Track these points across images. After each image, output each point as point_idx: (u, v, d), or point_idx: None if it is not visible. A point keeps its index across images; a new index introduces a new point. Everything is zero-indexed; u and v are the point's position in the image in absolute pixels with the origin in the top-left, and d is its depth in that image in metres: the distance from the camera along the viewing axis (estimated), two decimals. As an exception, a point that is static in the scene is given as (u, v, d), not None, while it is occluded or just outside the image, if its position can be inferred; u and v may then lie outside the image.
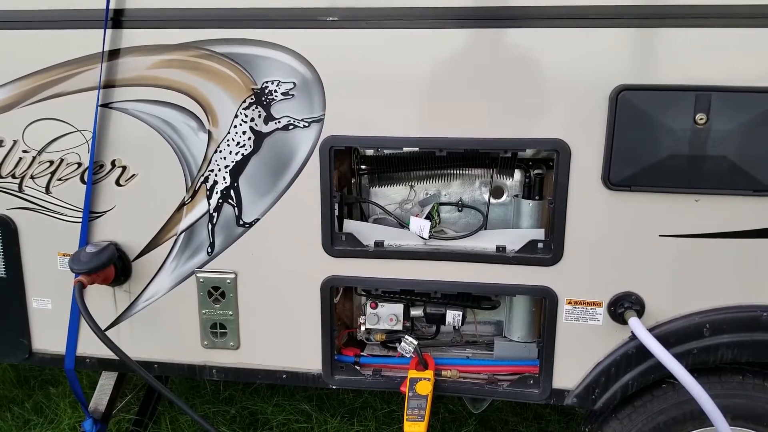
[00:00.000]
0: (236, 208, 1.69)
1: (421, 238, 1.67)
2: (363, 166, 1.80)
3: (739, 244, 1.51)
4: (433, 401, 1.68)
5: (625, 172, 1.50)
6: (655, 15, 1.42)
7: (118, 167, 1.71)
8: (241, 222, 1.69)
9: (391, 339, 1.83)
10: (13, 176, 1.77)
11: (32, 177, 1.76)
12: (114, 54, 1.62)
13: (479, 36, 1.49)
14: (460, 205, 1.76)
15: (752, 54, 1.41)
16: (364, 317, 1.80)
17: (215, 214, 1.70)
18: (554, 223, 1.57)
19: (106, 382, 2.08)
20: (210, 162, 1.66)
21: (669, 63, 1.44)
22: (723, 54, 1.42)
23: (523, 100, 1.51)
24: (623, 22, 1.43)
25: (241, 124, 1.62)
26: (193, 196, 1.70)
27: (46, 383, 2.80)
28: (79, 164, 1.73)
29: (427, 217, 1.69)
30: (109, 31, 1.60)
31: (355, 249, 1.68)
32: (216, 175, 1.67)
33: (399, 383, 1.74)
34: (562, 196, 1.55)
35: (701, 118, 1.43)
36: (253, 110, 1.60)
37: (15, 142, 1.74)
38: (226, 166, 1.66)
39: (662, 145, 1.46)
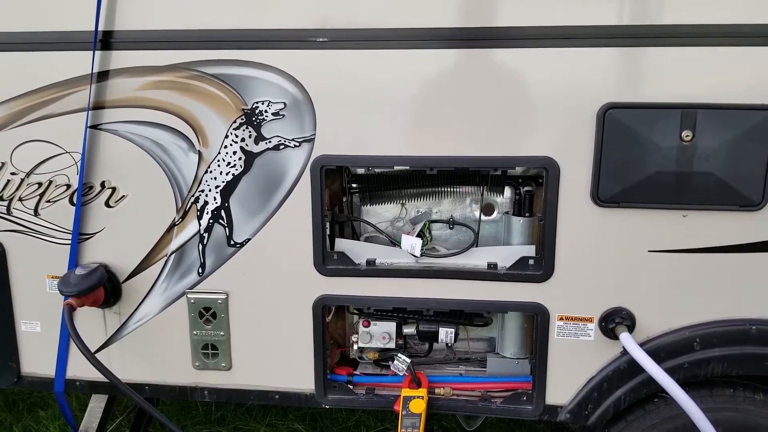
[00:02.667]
0: (227, 228, 1.68)
1: (413, 255, 1.67)
2: (354, 185, 1.80)
3: (726, 258, 1.53)
4: (427, 419, 1.67)
5: (613, 189, 1.51)
6: (641, 34, 1.44)
7: (108, 188, 1.70)
8: (232, 242, 1.69)
9: (384, 357, 1.82)
10: (1, 198, 1.76)
11: (20, 199, 1.75)
12: (103, 75, 1.62)
13: (468, 56, 1.51)
14: (451, 223, 1.77)
15: (736, 72, 1.44)
16: (356, 336, 1.80)
17: (206, 235, 1.69)
18: (544, 239, 1.58)
19: (96, 404, 2.06)
20: (200, 182, 1.66)
21: (655, 81, 1.46)
22: (708, 72, 1.45)
23: (512, 118, 1.52)
24: (610, 41, 1.46)
25: (231, 144, 1.62)
26: (183, 217, 1.69)
27: (35, 406, 2.76)
28: (68, 186, 1.72)
29: (418, 235, 1.70)
30: (98, 53, 1.60)
31: (346, 267, 1.68)
32: (206, 195, 1.66)
33: (392, 402, 1.73)
34: (552, 213, 1.56)
35: (687, 135, 1.45)
36: (244, 130, 1.60)
37: (3, 164, 1.73)
38: (217, 186, 1.65)
39: (649, 162, 1.48)
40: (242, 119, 1.60)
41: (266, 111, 1.58)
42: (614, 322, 1.59)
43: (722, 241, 1.53)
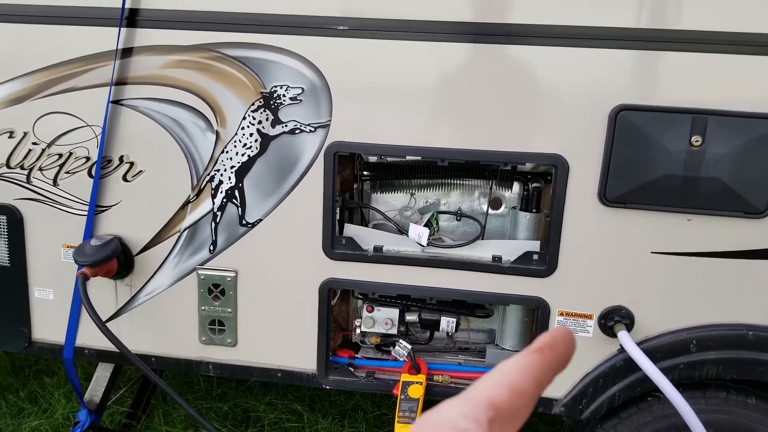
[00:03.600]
0: (240, 208, 1.72)
1: (420, 245, 1.70)
2: (365, 172, 1.84)
3: (728, 264, 1.56)
4: (424, 405, 1.71)
5: (620, 190, 1.54)
6: (657, 38, 1.46)
7: (126, 163, 1.74)
8: (244, 222, 1.73)
9: (386, 342, 1.86)
10: (22, 167, 1.80)
11: (40, 169, 1.79)
12: (127, 52, 1.66)
13: (485, 51, 1.54)
14: (458, 215, 1.80)
15: (748, 80, 1.46)
16: (359, 320, 1.83)
17: (219, 213, 1.73)
18: (550, 235, 1.61)
19: (102, 373, 2.11)
20: (216, 162, 1.70)
21: (668, 85, 1.49)
22: (720, 79, 1.47)
23: (525, 115, 1.55)
24: (625, 43, 1.48)
25: (248, 126, 1.65)
26: (198, 195, 1.73)
27: (41, 373, 2.82)
28: (88, 158, 1.76)
29: (426, 225, 1.73)
30: (123, 30, 1.64)
31: (354, 253, 1.71)
32: (221, 174, 1.70)
33: (391, 386, 1.77)
34: (559, 210, 1.59)
35: (697, 141, 1.47)
36: (261, 113, 1.64)
37: (25, 134, 1.77)
38: (232, 167, 1.69)
39: (658, 164, 1.50)
40: (260, 102, 1.63)
41: (284, 95, 1.61)
42: (613, 320, 1.63)
43: (725, 246, 1.55)
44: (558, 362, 0.39)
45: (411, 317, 1.83)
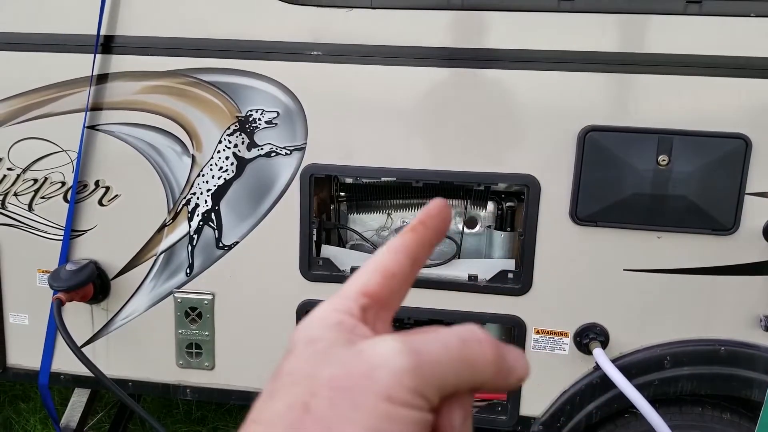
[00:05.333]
0: (216, 231, 1.72)
1: (396, 265, 1.71)
2: (342, 194, 1.85)
3: (699, 280, 1.58)
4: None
5: (591, 208, 1.57)
6: (624, 62, 1.50)
7: (102, 187, 1.75)
8: (221, 244, 1.73)
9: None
10: (-3, 193, 1.80)
11: (16, 194, 1.79)
12: (102, 78, 1.67)
13: (456, 75, 1.57)
14: (435, 234, 1.81)
15: (712, 101, 1.50)
16: (338, 341, 1.83)
17: (195, 236, 1.74)
18: (524, 254, 1.63)
19: (78, 399, 2.08)
20: (192, 185, 1.70)
21: (635, 106, 1.52)
22: (685, 100, 1.51)
23: (497, 136, 1.58)
24: (593, 66, 1.52)
25: (224, 150, 1.67)
26: (174, 218, 1.73)
27: (17, 398, 2.78)
28: (63, 183, 1.76)
29: (402, 245, 1.74)
30: (98, 56, 1.65)
31: (331, 274, 1.72)
32: (198, 198, 1.71)
33: (370, 407, 1.77)
34: (532, 229, 1.61)
35: (663, 160, 1.51)
36: (237, 137, 1.65)
37: (0, 159, 1.77)
38: (208, 190, 1.70)
39: (627, 183, 1.53)
40: (236, 126, 1.65)
41: (260, 119, 1.63)
42: (588, 337, 1.64)
43: (695, 263, 1.58)
44: (432, 236, 0.38)
45: (389, 337, 1.83)
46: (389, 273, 0.36)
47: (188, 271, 1.76)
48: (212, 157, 1.67)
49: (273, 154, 1.65)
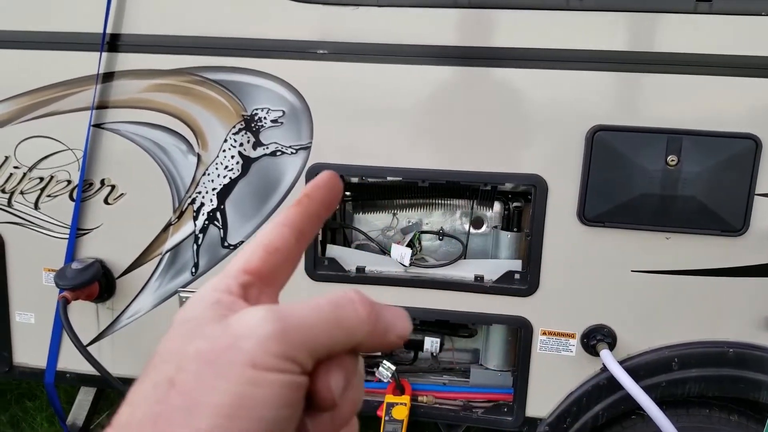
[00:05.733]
0: (222, 230, 1.72)
1: (402, 265, 1.71)
2: (347, 193, 1.84)
3: (707, 281, 1.57)
4: (409, 426, 1.70)
5: (599, 209, 1.55)
6: (632, 60, 1.49)
7: (107, 186, 1.74)
8: (226, 244, 1.73)
9: (370, 364, 1.85)
10: (3, 191, 1.80)
11: (22, 193, 1.79)
12: (108, 76, 1.67)
13: (464, 74, 1.56)
14: (441, 235, 1.80)
15: (722, 100, 1.48)
16: (343, 341, 1.82)
17: (201, 235, 1.73)
18: (531, 255, 1.62)
19: (84, 397, 2.09)
20: (198, 184, 1.70)
21: (643, 106, 1.51)
22: (695, 100, 1.50)
23: (504, 135, 1.57)
24: (602, 65, 1.50)
25: (230, 149, 1.66)
26: (179, 217, 1.73)
27: (23, 397, 2.79)
28: (69, 182, 1.76)
29: (408, 245, 1.74)
30: (104, 54, 1.65)
31: (337, 274, 1.71)
32: (203, 197, 1.70)
33: (376, 407, 1.77)
34: (539, 230, 1.60)
35: (672, 160, 1.49)
36: (243, 136, 1.65)
37: (7, 158, 1.77)
38: (214, 189, 1.69)
39: (635, 184, 1.52)
40: (241, 125, 1.64)
41: (265, 118, 1.62)
42: (596, 339, 1.63)
43: (703, 264, 1.56)
44: (319, 208, 0.38)
45: (395, 337, 1.82)
46: (272, 248, 0.35)
47: (193, 270, 1.76)
48: (218, 156, 1.67)
49: (278, 153, 1.65)
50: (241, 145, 1.65)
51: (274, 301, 0.35)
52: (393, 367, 1.76)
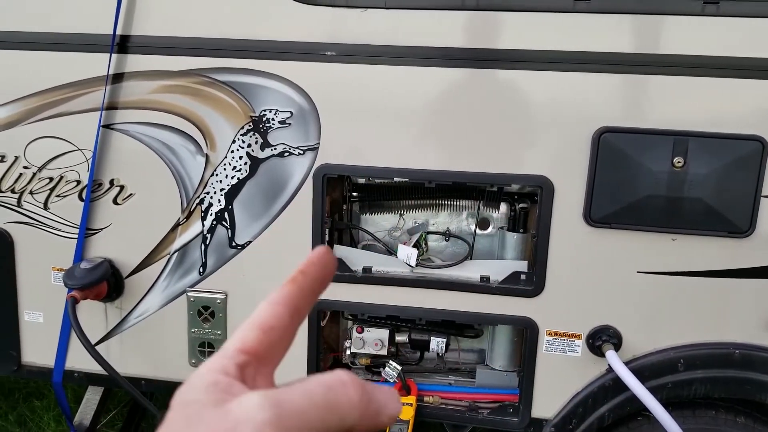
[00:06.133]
0: (229, 231, 1.73)
1: (409, 265, 1.72)
2: (354, 194, 1.85)
3: (713, 283, 1.57)
4: (415, 426, 1.71)
5: (605, 210, 1.56)
6: (639, 62, 1.49)
7: (116, 186, 1.76)
8: (234, 244, 1.74)
9: (376, 364, 1.86)
10: (13, 191, 1.81)
11: (31, 193, 1.80)
12: (118, 77, 1.68)
13: (470, 75, 1.56)
14: (447, 235, 1.81)
15: (728, 102, 1.49)
16: (349, 341, 1.84)
17: (209, 236, 1.74)
18: (537, 256, 1.63)
19: (92, 396, 2.10)
20: (206, 185, 1.71)
21: (649, 108, 1.51)
22: (701, 102, 1.50)
23: (510, 137, 1.58)
24: (608, 67, 1.51)
25: (238, 150, 1.67)
26: (188, 217, 1.74)
27: (31, 396, 2.80)
28: (78, 182, 1.77)
29: (415, 246, 1.75)
30: (114, 56, 1.66)
31: (343, 274, 1.72)
32: (211, 197, 1.72)
33: (382, 407, 1.77)
34: (545, 231, 1.60)
35: (679, 162, 1.50)
36: (251, 137, 1.66)
37: (16, 158, 1.79)
38: (222, 189, 1.71)
39: (641, 185, 1.52)
40: (250, 126, 1.65)
41: (273, 119, 1.64)
42: (601, 339, 1.63)
43: (710, 265, 1.57)
44: (314, 284, 0.39)
45: (401, 338, 1.84)
46: (267, 327, 0.36)
47: (201, 270, 1.77)
48: (226, 157, 1.68)
49: (286, 154, 1.66)
50: (249, 145, 1.66)
51: (270, 380, 0.36)
52: (399, 367, 1.77)
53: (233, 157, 1.68)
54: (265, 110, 1.64)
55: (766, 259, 1.53)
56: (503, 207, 1.80)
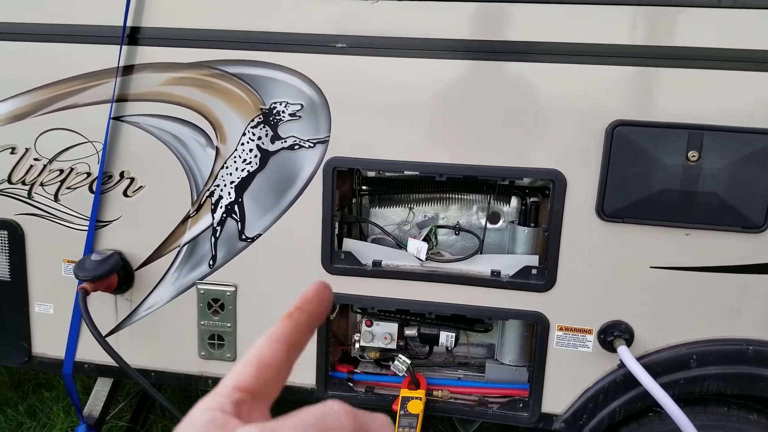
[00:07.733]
0: (239, 223, 1.73)
1: (418, 259, 1.71)
2: (364, 187, 1.84)
3: (727, 278, 1.55)
4: (424, 420, 1.70)
5: (618, 204, 1.54)
6: (653, 55, 1.48)
7: (127, 178, 1.76)
8: (244, 236, 1.74)
9: (385, 357, 1.86)
10: (23, 183, 1.82)
11: (42, 184, 1.81)
12: (128, 69, 1.68)
13: (482, 68, 1.55)
14: (457, 229, 1.80)
15: (744, 96, 1.47)
16: (359, 335, 1.83)
17: (219, 228, 1.74)
18: (548, 250, 1.61)
19: (101, 388, 2.11)
20: (216, 177, 1.71)
21: (664, 101, 1.50)
22: (716, 95, 1.48)
23: (522, 130, 1.56)
24: (622, 60, 1.49)
25: (248, 142, 1.67)
26: (198, 210, 1.74)
27: (40, 387, 2.82)
28: (89, 174, 1.77)
29: (424, 239, 1.74)
30: (124, 47, 1.66)
31: (353, 267, 1.72)
32: (221, 190, 1.71)
33: (391, 401, 1.77)
34: (557, 225, 1.59)
35: (693, 156, 1.48)
36: (261, 129, 1.65)
37: (27, 150, 1.79)
38: (232, 182, 1.70)
39: (655, 179, 1.51)
40: (260, 118, 1.64)
41: (283, 111, 1.63)
42: (613, 335, 1.62)
43: (724, 261, 1.55)
44: (310, 320, 0.39)
45: (410, 332, 1.83)
46: (263, 364, 0.36)
47: (211, 262, 1.77)
48: (236, 149, 1.68)
49: (296, 147, 1.65)
50: (260, 138, 1.66)
51: (265, 414, 0.36)
52: (408, 361, 1.76)
53: (243, 150, 1.67)
54: (275, 103, 1.63)
55: (781, 254, 1.52)
56: (514, 201, 1.79)
